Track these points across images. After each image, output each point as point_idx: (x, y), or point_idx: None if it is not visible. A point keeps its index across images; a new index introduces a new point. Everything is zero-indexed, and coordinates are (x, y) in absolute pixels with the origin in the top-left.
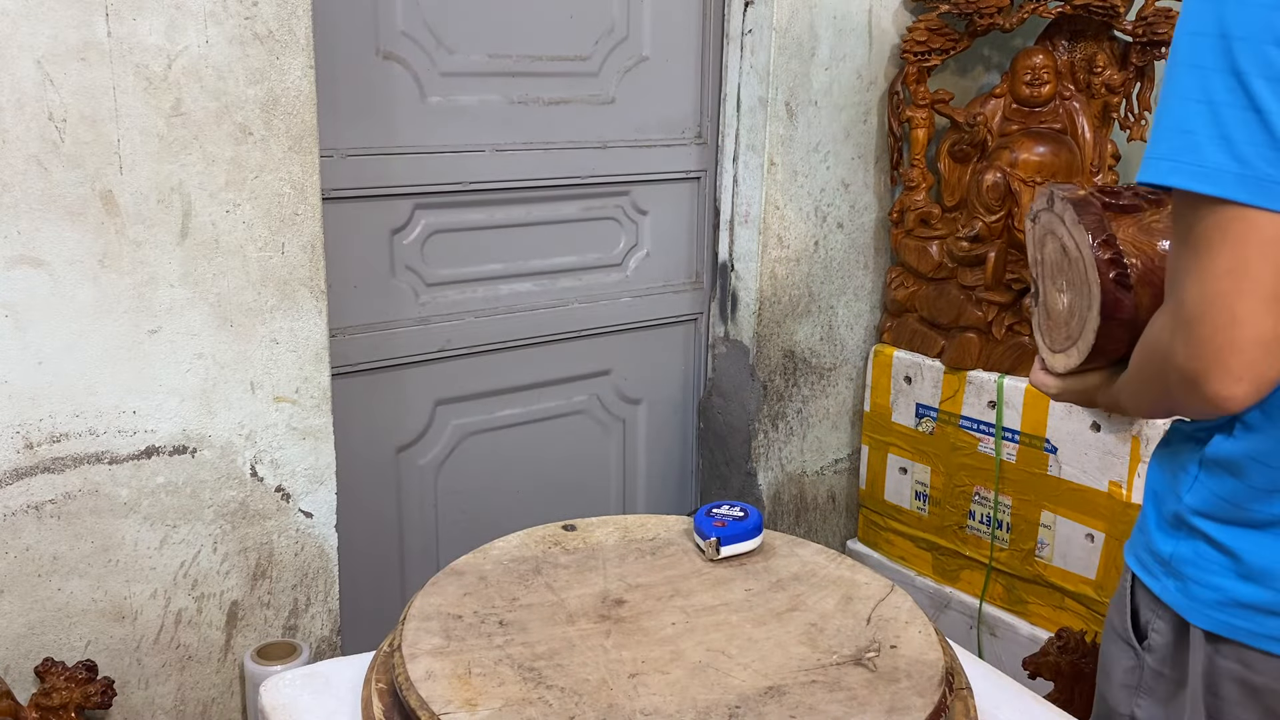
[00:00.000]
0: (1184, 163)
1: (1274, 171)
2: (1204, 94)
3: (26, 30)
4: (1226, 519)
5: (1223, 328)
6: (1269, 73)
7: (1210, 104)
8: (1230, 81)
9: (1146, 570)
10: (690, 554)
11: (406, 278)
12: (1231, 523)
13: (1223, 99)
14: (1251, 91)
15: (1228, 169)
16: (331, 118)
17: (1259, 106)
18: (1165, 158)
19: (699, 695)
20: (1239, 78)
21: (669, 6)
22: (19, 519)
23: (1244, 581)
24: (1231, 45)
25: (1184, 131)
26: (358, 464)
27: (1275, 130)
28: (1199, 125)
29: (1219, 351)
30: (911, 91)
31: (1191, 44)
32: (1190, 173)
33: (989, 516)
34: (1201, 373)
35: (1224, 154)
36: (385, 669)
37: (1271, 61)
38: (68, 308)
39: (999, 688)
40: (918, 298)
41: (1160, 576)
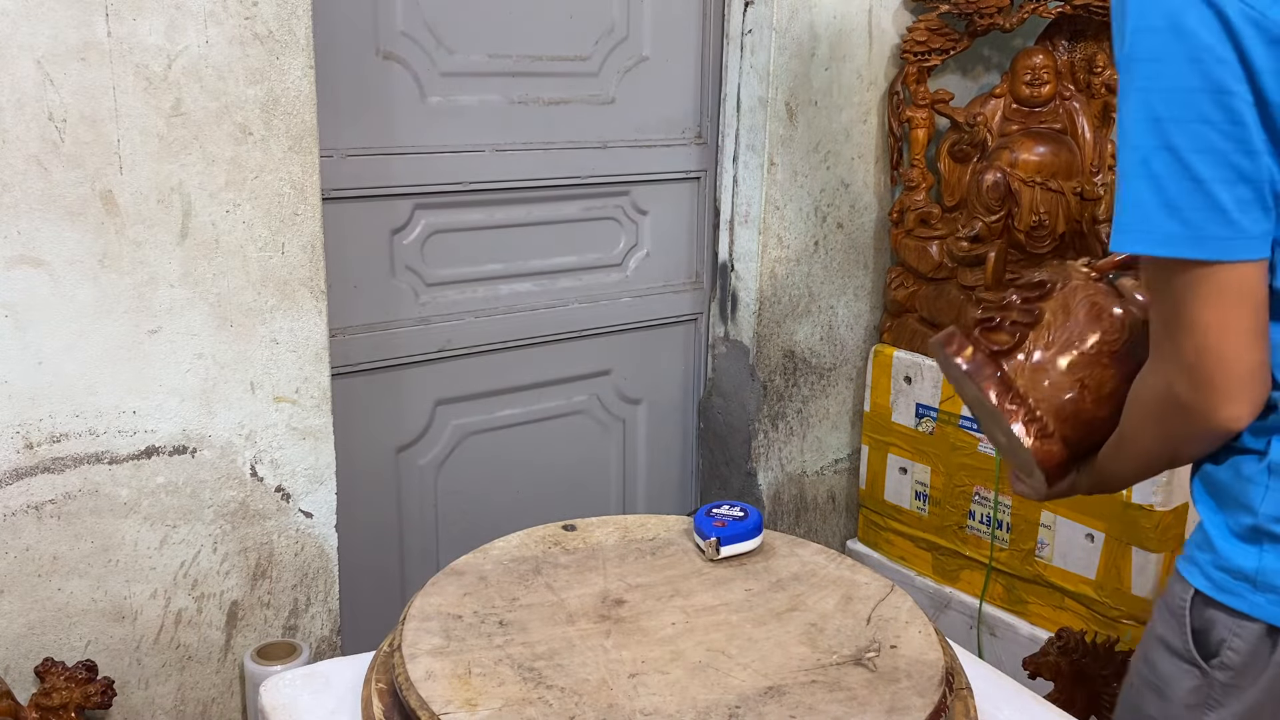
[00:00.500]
0: (1143, 232)
1: (1220, 230)
2: (1147, 171)
3: (26, 30)
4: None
5: (1218, 367)
6: (1200, 146)
7: (1154, 179)
8: (1169, 158)
9: (1223, 589)
10: (690, 554)
11: (406, 278)
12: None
13: (1165, 174)
14: (1188, 165)
15: (1179, 234)
16: (331, 118)
17: (1197, 177)
18: (1127, 230)
19: (699, 695)
20: (1175, 154)
21: (669, 6)
22: (19, 519)
23: None
24: (1165, 127)
25: (1137, 205)
26: (358, 464)
27: (1214, 196)
28: (1149, 199)
29: (1221, 386)
30: (911, 91)
31: (1133, 127)
32: (1151, 241)
33: (989, 516)
34: (1210, 406)
35: (1174, 222)
36: (385, 669)
37: (1201, 136)
38: (68, 308)
39: (999, 688)
40: (918, 298)
41: (1245, 593)
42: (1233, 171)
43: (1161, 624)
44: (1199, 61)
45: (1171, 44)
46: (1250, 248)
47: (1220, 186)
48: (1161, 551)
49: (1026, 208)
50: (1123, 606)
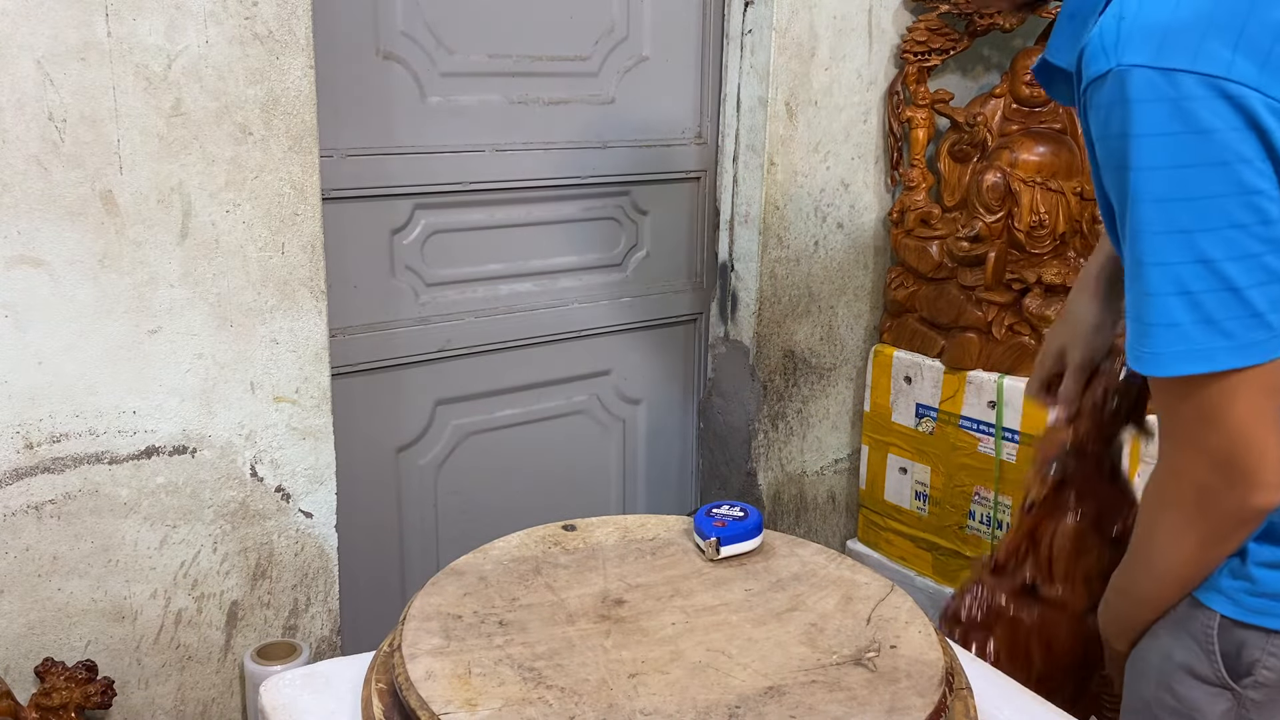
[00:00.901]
0: (1183, 355)
1: (1259, 335)
2: (1180, 288)
3: (26, 30)
4: None
5: (1252, 456)
6: (1235, 254)
7: (1189, 296)
8: (1203, 271)
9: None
10: (690, 554)
11: (406, 278)
12: None
13: (1201, 288)
14: (1224, 275)
15: (1222, 348)
16: (331, 118)
17: (1233, 286)
18: (1163, 355)
19: (699, 695)
20: (1209, 266)
21: (669, 6)
22: (19, 519)
23: None
24: (1195, 239)
25: (1170, 326)
26: (358, 464)
27: (1251, 303)
28: (1183, 317)
29: (1256, 473)
30: (911, 91)
31: (1155, 243)
32: (1193, 361)
33: (989, 516)
34: (1247, 494)
35: (1214, 335)
36: (385, 669)
37: (1235, 241)
38: (68, 308)
39: (999, 688)
40: (918, 298)
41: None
42: (1266, 273)
43: (1183, 652)
44: (1226, 165)
45: (1192, 148)
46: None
47: (1256, 292)
48: None
49: (1026, 208)
50: None
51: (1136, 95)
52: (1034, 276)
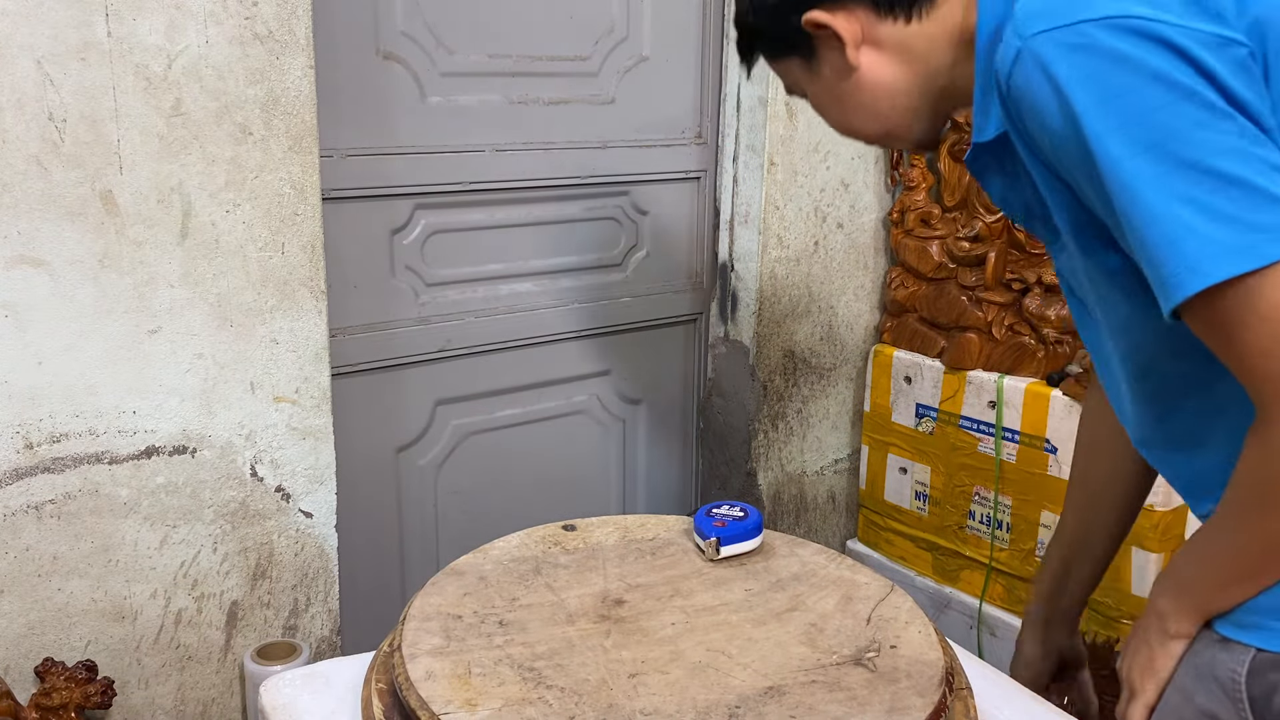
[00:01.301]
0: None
1: (1275, 219)
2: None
3: (26, 30)
4: None
5: None
6: (1222, 149)
7: (1191, 201)
8: (1191, 173)
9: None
10: (690, 554)
11: (406, 278)
12: None
13: (1202, 191)
14: (1215, 170)
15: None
16: (331, 118)
17: (1237, 179)
18: (1194, 267)
19: (699, 695)
20: (1194, 166)
21: (669, 6)
22: (19, 519)
23: None
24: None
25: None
26: (358, 464)
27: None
28: (1198, 222)
29: None
30: None
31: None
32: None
33: (989, 516)
34: None
35: (1240, 230)
36: (385, 669)
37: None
38: (68, 308)
39: (999, 688)
40: (918, 298)
41: None
42: (1259, 161)
43: (1205, 696)
44: (1161, 78)
45: (1117, 74)
46: None
47: (1259, 177)
48: (1161, 552)
49: None
50: (1123, 607)
51: (1052, 58)
52: (1034, 276)
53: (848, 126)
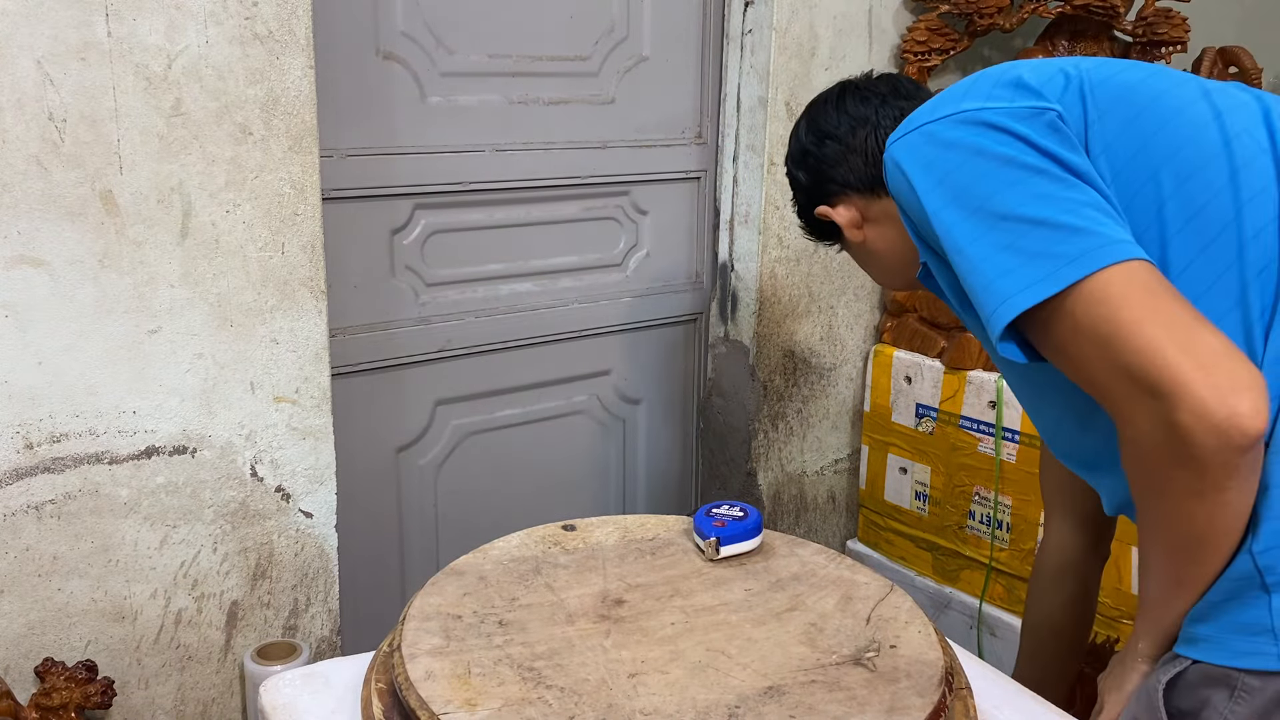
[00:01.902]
0: (1021, 289)
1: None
2: (997, 245)
3: (26, 30)
4: None
5: (1179, 365)
6: (1022, 198)
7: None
8: (1005, 225)
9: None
10: (690, 554)
11: (406, 278)
12: None
13: (1011, 237)
14: (1024, 217)
15: (1054, 268)
16: (331, 118)
17: (1039, 220)
18: (1006, 297)
19: (699, 695)
20: (1007, 218)
21: (669, 6)
22: (19, 519)
23: None
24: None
25: (1005, 273)
26: (358, 464)
27: (1062, 224)
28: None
29: (1196, 371)
30: None
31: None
32: (1036, 287)
33: (989, 516)
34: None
35: (1044, 262)
36: (385, 669)
37: (1017, 193)
38: (68, 308)
39: (999, 688)
40: (918, 298)
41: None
42: (1064, 201)
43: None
44: (982, 152)
45: (950, 156)
46: (1122, 249)
47: (1063, 215)
48: None
49: None
50: (1122, 606)
51: (901, 157)
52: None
53: (880, 281)
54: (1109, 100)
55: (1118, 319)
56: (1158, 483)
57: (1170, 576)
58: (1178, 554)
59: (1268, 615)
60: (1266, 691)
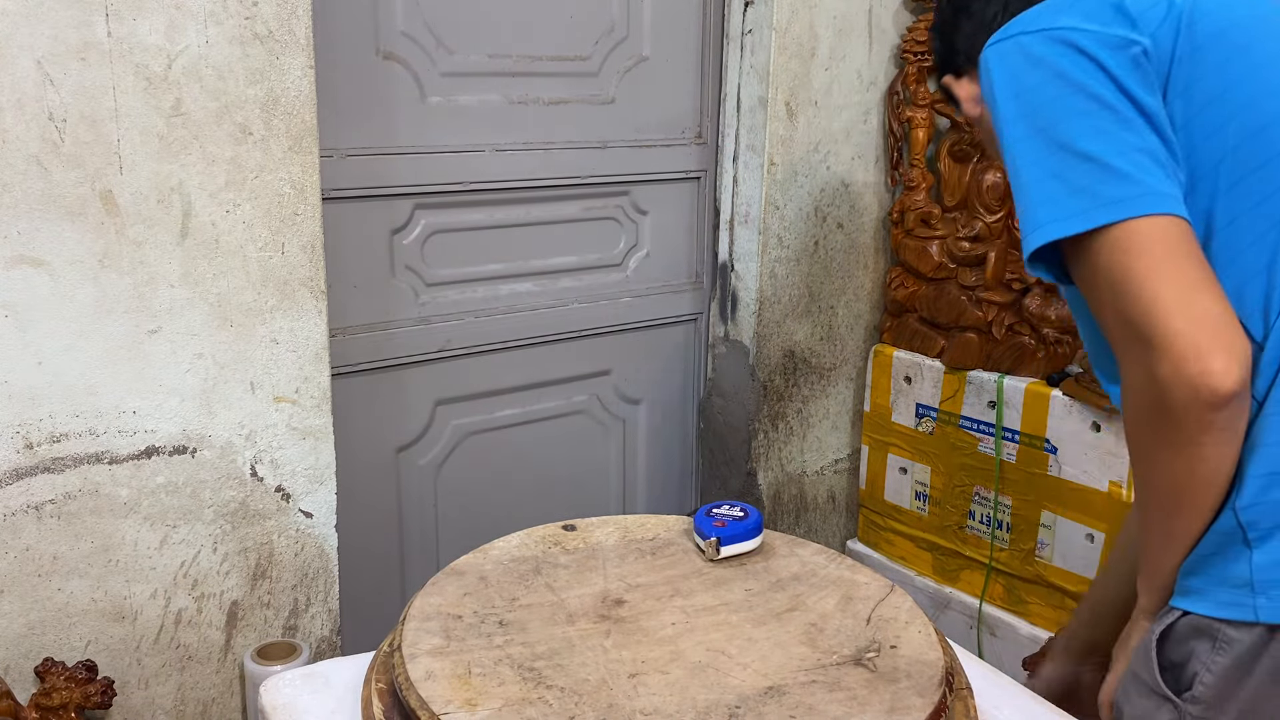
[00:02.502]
0: (1055, 220)
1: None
2: (1049, 172)
3: (26, 30)
4: None
5: (1172, 315)
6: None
7: (1056, 175)
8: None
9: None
10: (690, 554)
11: (406, 278)
12: None
13: (1062, 167)
14: (1080, 150)
15: (1089, 206)
16: (331, 118)
17: (1091, 157)
18: (1041, 223)
19: (699, 695)
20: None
21: (669, 6)
22: (19, 519)
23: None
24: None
25: (1045, 201)
26: (358, 464)
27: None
28: (1056, 192)
29: (1182, 334)
30: (911, 91)
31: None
32: (1068, 219)
33: (989, 516)
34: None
35: (1082, 198)
36: (385, 669)
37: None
38: (68, 308)
39: (999, 688)
40: (918, 298)
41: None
42: (1121, 144)
43: (1137, 662)
44: (1062, 75)
45: (1033, 74)
46: (1164, 203)
47: (1115, 158)
48: None
49: None
50: None
51: (992, 63)
52: (1034, 277)
53: (994, 158)
54: (1205, 37)
55: (1131, 269)
56: (1143, 433)
57: (1158, 529)
58: (1162, 506)
59: (1248, 569)
60: (1245, 642)
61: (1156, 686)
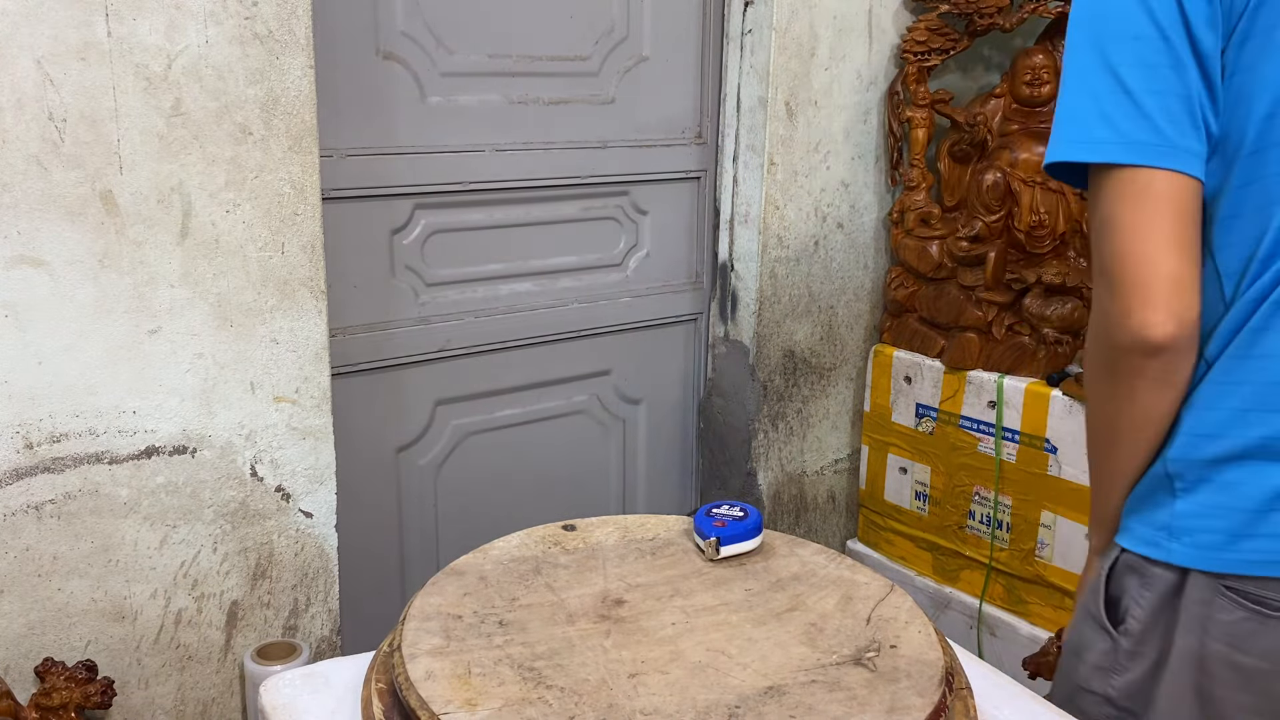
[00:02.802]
0: (1078, 141)
1: (1146, 137)
2: (1086, 86)
3: (26, 30)
4: None
5: (1134, 267)
6: (1132, 60)
7: (1092, 93)
8: (1105, 74)
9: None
10: (690, 554)
11: (406, 278)
12: None
13: (1101, 88)
14: (1121, 78)
15: (1110, 139)
16: (331, 118)
17: (1128, 89)
18: (1065, 140)
19: (699, 695)
20: (1111, 69)
21: (669, 6)
22: (19, 519)
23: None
24: (1104, 46)
25: (1075, 118)
26: (358, 464)
27: (1142, 105)
28: (1087, 110)
29: (1135, 286)
30: (911, 91)
31: (1077, 53)
32: (1084, 147)
33: (989, 516)
34: (1126, 309)
35: (1106, 128)
36: (385, 669)
37: (1134, 52)
38: (68, 308)
39: (999, 688)
40: (918, 298)
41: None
42: (1161, 84)
43: (1089, 596)
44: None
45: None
46: (1176, 158)
47: (1149, 97)
48: None
49: (1026, 208)
50: None
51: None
52: (1034, 276)
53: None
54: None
55: (1122, 215)
56: (1092, 368)
57: (1099, 466)
58: (1101, 443)
59: (1170, 515)
60: (1165, 580)
61: (1099, 618)
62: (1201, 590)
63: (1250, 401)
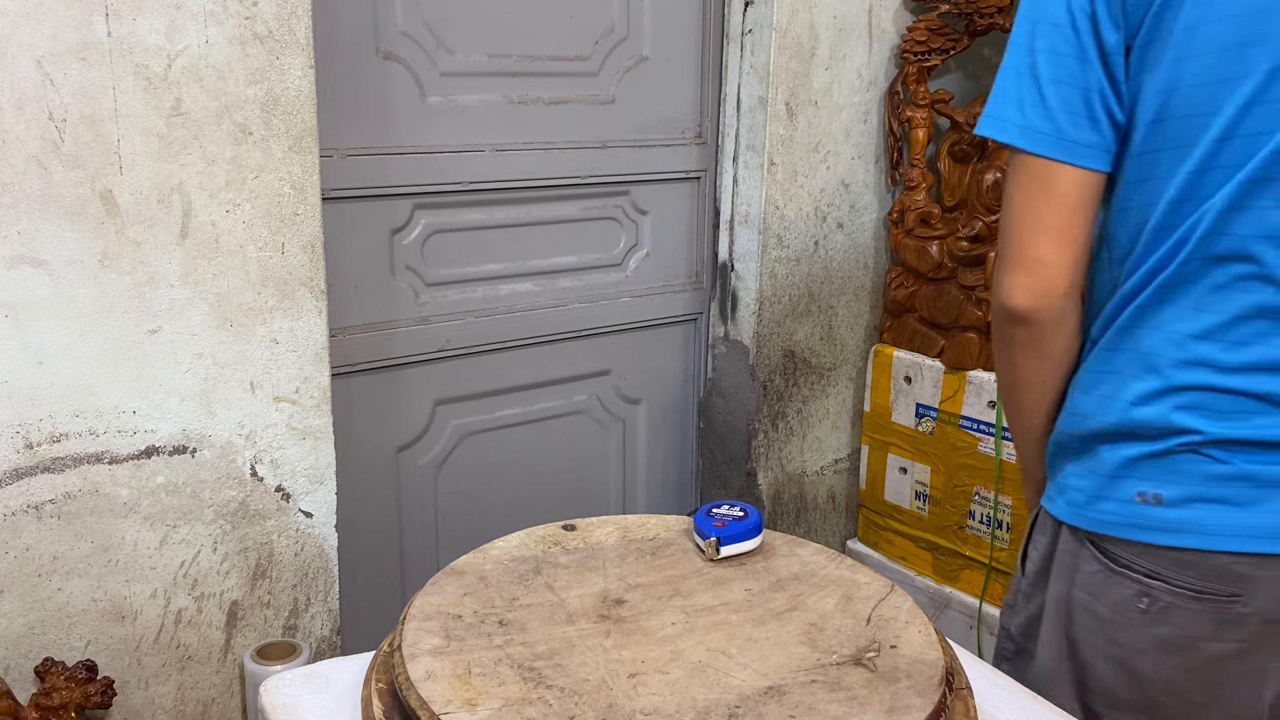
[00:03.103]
0: (994, 119)
1: (1042, 126)
2: (1014, 69)
3: (26, 30)
4: None
5: (1007, 241)
6: (1047, 47)
7: (1017, 75)
8: (1028, 61)
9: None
10: (690, 554)
11: (406, 278)
12: None
13: (1022, 73)
14: (1035, 66)
15: (1013, 120)
16: (331, 118)
17: (1038, 76)
18: (986, 114)
19: (699, 695)
20: (1032, 56)
21: (669, 6)
22: (19, 519)
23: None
24: (1034, 34)
25: (999, 96)
26: (358, 464)
27: (1044, 95)
28: (1010, 92)
29: (1008, 261)
30: (911, 91)
31: (1016, 26)
32: (996, 127)
33: (989, 516)
34: (999, 277)
35: (1015, 112)
36: (385, 669)
37: (1050, 40)
38: (68, 308)
39: (999, 688)
40: (918, 298)
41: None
42: (1066, 73)
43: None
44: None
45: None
46: (1067, 150)
47: (1051, 86)
48: None
49: None
50: None
51: None
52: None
53: None
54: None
55: (1012, 193)
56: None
57: (1009, 422)
58: (1004, 404)
59: (1061, 475)
60: (1052, 531)
61: (1017, 565)
62: (1069, 543)
63: (1114, 390)
